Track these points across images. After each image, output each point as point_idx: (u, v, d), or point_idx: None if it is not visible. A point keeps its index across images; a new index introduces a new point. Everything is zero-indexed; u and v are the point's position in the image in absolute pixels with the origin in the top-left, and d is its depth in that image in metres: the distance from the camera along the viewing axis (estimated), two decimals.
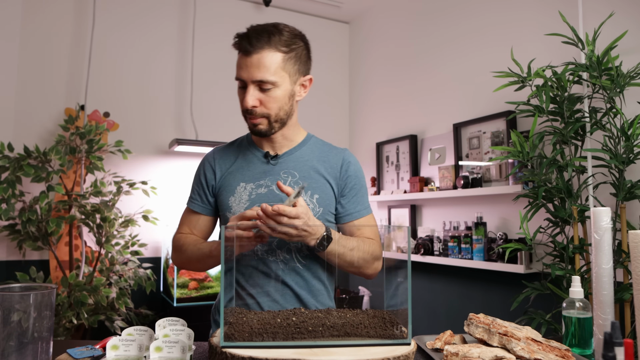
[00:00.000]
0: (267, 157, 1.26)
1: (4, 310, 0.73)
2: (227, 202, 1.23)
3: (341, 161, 1.28)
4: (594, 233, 1.05)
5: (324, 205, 1.24)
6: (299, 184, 1.23)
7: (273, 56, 1.13)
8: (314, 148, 1.30)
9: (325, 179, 1.25)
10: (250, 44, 1.12)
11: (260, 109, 1.16)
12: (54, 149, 2.35)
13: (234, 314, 0.95)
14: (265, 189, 1.22)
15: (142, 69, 3.05)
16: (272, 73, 1.13)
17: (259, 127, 1.18)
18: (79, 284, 2.30)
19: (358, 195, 1.29)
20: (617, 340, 0.72)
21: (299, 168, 1.25)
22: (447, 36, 2.78)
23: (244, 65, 1.14)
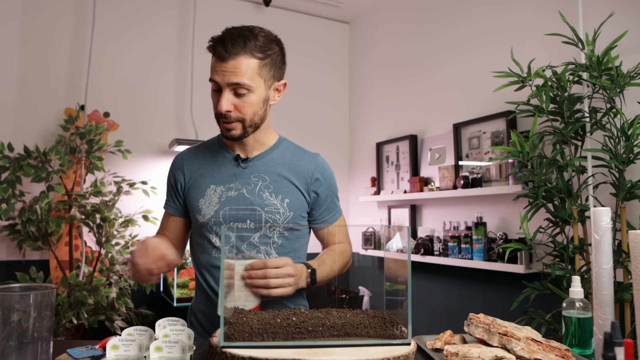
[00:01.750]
0: (238, 160, 1.25)
1: (4, 310, 0.73)
2: (196, 204, 1.23)
3: (312, 168, 1.28)
4: (594, 233, 1.05)
5: (295, 209, 1.24)
6: (269, 188, 1.23)
7: (249, 62, 1.12)
8: (285, 152, 1.30)
9: (294, 185, 1.25)
10: (226, 49, 1.10)
11: (234, 113, 1.15)
12: (54, 149, 2.35)
13: (234, 314, 0.95)
14: (235, 192, 1.22)
15: (142, 69, 3.05)
16: (248, 78, 1.12)
17: (232, 132, 1.17)
18: (79, 284, 2.30)
19: (330, 202, 1.32)
20: (617, 340, 0.72)
21: (269, 172, 1.25)
22: (447, 36, 2.78)
23: (219, 69, 1.12)
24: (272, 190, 1.23)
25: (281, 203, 1.23)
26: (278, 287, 1.06)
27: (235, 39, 1.11)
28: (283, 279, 1.07)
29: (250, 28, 1.15)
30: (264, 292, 1.06)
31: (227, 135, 1.19)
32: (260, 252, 1.21)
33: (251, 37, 1.13)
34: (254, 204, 1.21)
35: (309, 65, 3.60)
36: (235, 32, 1.13)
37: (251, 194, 1.22)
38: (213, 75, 1.14)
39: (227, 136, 1.19)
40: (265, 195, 1.22)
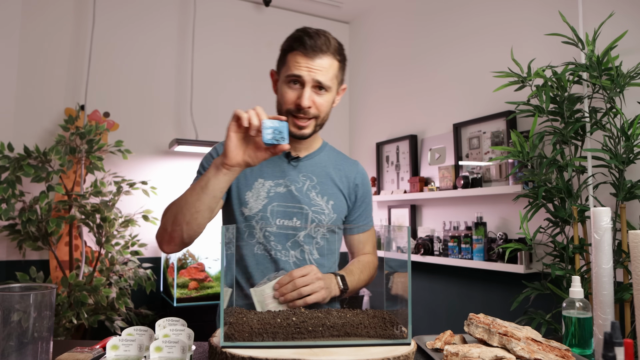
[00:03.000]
0: (289, 157, 1.26)
1: (4, 310, 0.73)
2: (243, 197, 1.22)
3: (354, 174, 1.32)
4: (594, 233, 1.05)
5: (338, 212, 1.26)
6: (316, 188, 1.25)
7: (332, 63, 1.16)
8: (330, 155, 1.33)
9: (338, 188, 1.28)
10: (315, 44, 1.12)
11: (313, 110, 1.16)
12: (54, 149, 2.35)
13: (234, 314, 0.95)
14: (284, 188, 1.22)
15: (142, 68, 3.05)
16: (330, 79, 1.16)
17: (305, 130, 1.19)
18: (79, 284, 2.30)
19: (367, 210, 1.35)
20: (617, 340, 0.72)
21: (317, 173, 1.27)
22: (447, 36, 2.78)
23: (304, 64, 1.13)
24: (318, 190, 1.25)
25: (326, 204, 1.24)
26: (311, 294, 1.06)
27: (321, 38, 1.14)
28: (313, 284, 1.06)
29: (325, 32, 1.18)
30: (299, 303, 1.06)
31: (297, 134, 1.19)
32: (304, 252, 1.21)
33: (332, 39, 1.16)
34: (302, 203, 1.22)
35: None
36: (320, 32, 1.15)
37: (299, 192, 1.23)
38: (296, 70, 1.13)
39: (297, 134, 1.19)
40: (312, 195, 1.24)
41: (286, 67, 1.16)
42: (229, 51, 3.32)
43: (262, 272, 1.20)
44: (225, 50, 3.32)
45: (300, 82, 1.14)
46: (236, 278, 1.24)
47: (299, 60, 1.13)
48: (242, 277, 1.23)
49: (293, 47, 1.15)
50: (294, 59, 1.14)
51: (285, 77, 1.16)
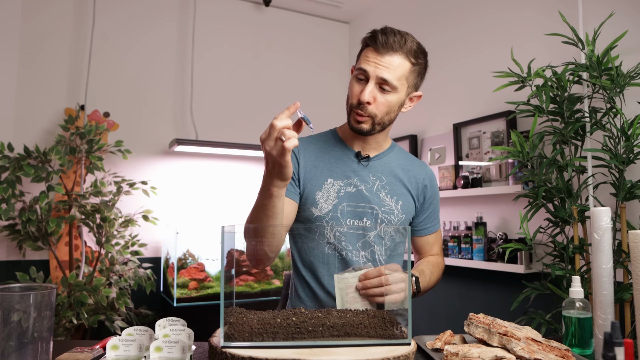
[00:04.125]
0: (359, 157, 1.25)
1: (4, 310, 0.73)
2: (313, 197, 1.21)
3: (423, 174, 1.32)
4: (594, 233, 1.05)
5: (406, 212, 1.26)
6: (385, 188, 1.24)
7: (403, 62, 1.14)
8: (399, 156, 1.32)
9: (407, 189, 1.28)
10: (387, 42, 1.12)
11: (371, 107, 1.15)
12: (54, 149, 2.35)
13: (234, 314, 0.95)
14: (354, 188, 1.22)
15: (142, 68, 3.05)
16: (397, 78, 1.14)
17: (362, 125, 1.17)
18: (79, 284, 2.30)
19: (435, 211, 1.35)
20: (617, 340, 0.72)
21: (386, 173, 1.26)
22: (447, 36, 2.78)
23: (372, 59, 1.13)
24: (387, 191, 1.24)
25: (395, 205, 1.24)
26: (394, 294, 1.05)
27: (396, 36, 1.13)
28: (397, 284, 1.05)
29: (407, 34, 1.17)
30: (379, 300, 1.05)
31: (355, 128, 1.18)
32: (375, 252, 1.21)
33: (409, 40, 1.15)
34: (372, 203, 1.21)
35: (309, 65, 3.60)
36: (396, 31, 1.15)
37: (369, 192, 1.22)
38: (364, 64, 1.14)
39: (355, 128, 1.18)
40: (382, 195, 1.23)
41: (358, 62, 1.17)
42: (229, 51, 3.32)
43: (330, 271, 1.20)
44: (225, 50, 3.32)
45: (366, 77, 1.14)
46: (303, 276, 1.24)
47: (369, 55, 1.14)
48: (310, 276, 1.23)
49: (367, 43, 1.15)
50: (365, 54, 1.15)
51: (354, 72, 1.17)
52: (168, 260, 2.83)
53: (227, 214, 3.12)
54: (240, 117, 3.30)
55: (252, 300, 2.62)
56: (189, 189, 3.10)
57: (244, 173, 3.25)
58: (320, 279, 1.21)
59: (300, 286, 1.25)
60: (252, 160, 3.29)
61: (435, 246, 1.37)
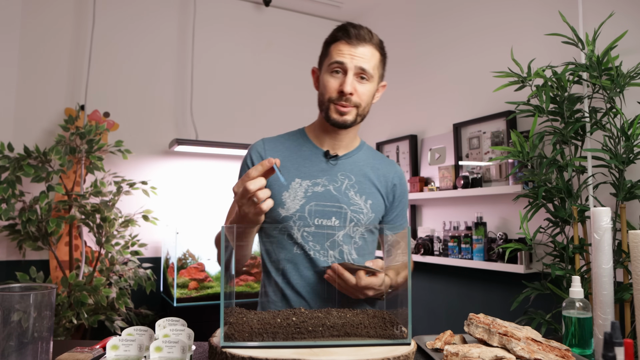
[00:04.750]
0: (327, 156, 1.25)
1: (4, 310, 0.73)
2: (279, 197, 1.20)
3: (392, 174, 1.32)
4: (594, 233, 1.05)
5: (376, 211, 1.26)
6: (354, 187, 1.24)
7: (374, 53, 1.18)
8: (368, 154, 1.32)
9: (376, 188, 1.27)
10: (359, 33, 1.15)
11: (355, 97, 1.17)
12: (54, 149, 2.35)
13: (234, 314, 0.95)
14: (322, 187, 1.21)
15: (142, 68, 3.05)
16: (372, 67, 1.17)
17: (346, 116, 1.18)
18: (79, 284, 2.30)
19: (403, 210, 1.34)
20: (617, 340, 0.72)
21: (355, 172, 1.26)
22: (447, 36, 2.78)
23: (347, 52, 1.15)
24: (357, 190, 1.24)
25: (365, 204, 1.23)
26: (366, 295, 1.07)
27: (364, 29, 1.17)
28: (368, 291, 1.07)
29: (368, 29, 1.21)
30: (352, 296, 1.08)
31: (338, 120, 1.19)
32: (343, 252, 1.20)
33: (374, 33, 1.19)
34: (341, 202, 1.21)
35: (309, 65, 3.59)
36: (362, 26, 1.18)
37: (338, 192, 1.22)
38: (339, 57, 1.16)
39: (338, 121, 1.19)
40: (350, 194, 1.23)
41: (329, 57, 1.18)
42: (229, 51, 3.32)
43: (299, 272, 1.20)
44: (225, 50, 3.32)
45: (343, 70, 1.16)
46: (273, 276, 1.23)
47: (342, 48, 1.16)
48: (278, 277, 1.22)
49: (337, 37, 1.17)
50: (337, 47, 1.17)
51: (327, 67, 1.18)
52: (168, 260, 2.83)
53: None
54: (240, 117, 3.30)
55: (252, 300, 2.62)
56: (189, 189, 3.10)
57: None
58: (290, 279, 1.20)
59: (270, 287, 1.25)
60: None
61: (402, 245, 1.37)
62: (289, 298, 1.20)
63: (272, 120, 3.41)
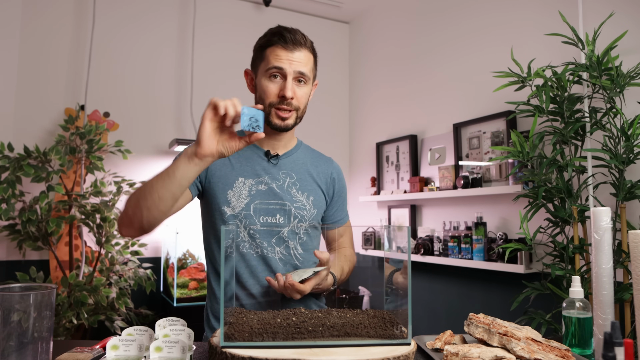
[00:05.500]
0: (268, 155, 1.28)
1: (4, 310, 0.73)
2: (224, 196, 1.23)
3: (331, 169, 1.37)
4: (594, 233, 1.05)
5: (318, 207, 1.31)
6: (296, 185, 1.28)
7: (309, 56, 1.22)
8: (306, 153, 1.37)
9: (317, 184, 1.32)
10: (295, 38, 1.18)
11: (295, 101, 1.19)
12: (54, 149, 2.35)
13: (234, 314, 0.95)
14: (265, 185, 1.25)
15: (143, 68, 3.05)
16: (309, 70, 1.21)
17: (287, 121, 1.21)
18: (79, 284, 2.30)
19: (343, 204, 1.40)
20: (617, 340, 0.72)
21: (296, 170, 1.30)
22: (447, 36, 2.78)
23: (285, 57, 1.17)
24: (298, 187, 1.28)
25: (307, 200, 1.28)
26: None
27: (298, 33, 1.19)
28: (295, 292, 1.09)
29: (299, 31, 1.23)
30: None
31: (280, 125, 1.21)
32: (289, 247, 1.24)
33: (306, 37, 1.23)
34: (284, 199, 1.25)
35: None
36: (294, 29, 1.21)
37: (280, 189, 1.25)
38: (277, 62, 1.17)
39: (279, 125, 1.22)
40: (292, 192, 1.27)
41: (266, 62, 1.19)
42: (229, 51, 3.32)
43: (249, 268, 1.22)
44: (225, 50, 3.32)
45: (282, 75, 1.18)
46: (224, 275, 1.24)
47: (279, 53, 1.17)
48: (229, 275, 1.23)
49: (272, 42, 1.18)
50: (274, 52, 1.18)
51: (265, 71, 1.19)
52: (168, 260, 2.83)
53: None
54: None
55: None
56: None
57: None
58: (240, 277, 1.22)
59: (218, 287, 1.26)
60: None
61: (345, 237, 1.41)
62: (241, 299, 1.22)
63: None
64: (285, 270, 1.23)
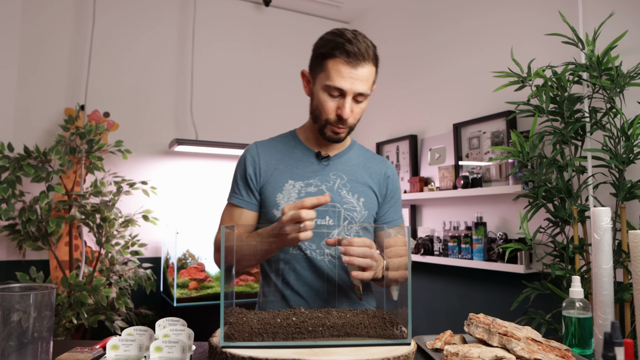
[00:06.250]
0: (319, 157, 1.27)
1: (4, 310, 0.73)
2: (274, 199, 1.22)
3: (385, 169, 1.33)
4: (594, 233, 1.05)
5: (369, 209, 1.27)
6: (346, 186, 1.25)
7: (372, 70, 1.15)
8: (359, 153, 1.34)
9: (368, 185, 1.29)
10: (359, 52, 1.10)
11: (351, 119, 1.17)
12: (54, 149, 2.35)
13: (234, 314, 0.95)
14: (314, 188, 1.23)
15: (143, 68, 3.05)
16: (369, 86, 1.16)
17: (341, 135, 1.20)
18: (79, 284, 2.30)
19: (396, 205, 1.35)
20: (617, 340, 0.72)
21: (347, 171, 1.28)
22: (447, 36, 2.78)
23: (347, 75, 1.11)
24: (349, 188, 1.25)
25: (357, 202, 1.25)
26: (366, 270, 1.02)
27: (363, 43, 1.12)
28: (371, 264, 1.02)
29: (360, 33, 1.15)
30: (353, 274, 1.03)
31: (333, 139, 1.21)
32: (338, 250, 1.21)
33: (368, 42, 1.14)
34: (334, 201, 1.22)
35: None
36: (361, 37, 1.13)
37: (330, 191, 1.23)
38: (339, 81, 1.11)
39: (333, 139, 1.21)
40: (343, 193, 1.24)
41: (326, 75, 1.13)
42: (229, 51, 3.32)
43: (296, 271, 1.21)
44: (225, 50, 3.32)
45: (341, 94, 1.14)
46: (271, 277, 1.25)
47: (342, 69, 1.11)
48: (276, 277, 1.24)
49: (334, 54, 1.11)
50: (336, 68, 1.11)
51: (325, 86, 1.14)
52: (168, 260, 2.83)
53: None
54: (240, 117, 3.30)
55: (252, 300, 2.62)
56: (189, 189, 3.10)
57: None
58: (288, 279, 1.22)
59: (268, 288, 1.26)
60: None
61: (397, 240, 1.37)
62: (288, 298, 1.21)
63: (272, 120, 3.41)
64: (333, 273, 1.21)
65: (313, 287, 1.20)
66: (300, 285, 1.21)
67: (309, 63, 1.22)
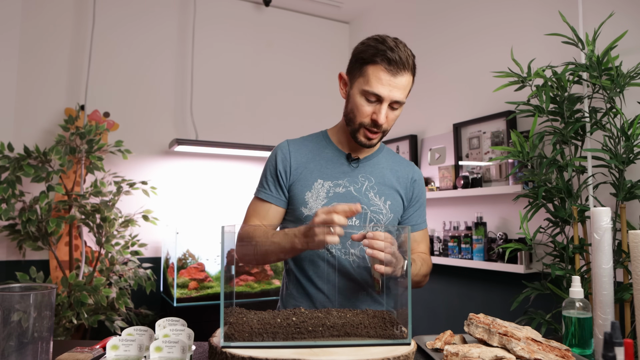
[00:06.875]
0: (349, 159, 1.29)
1: (4, 310, 0.73)
2: (302, 197, 1.24)
3: (412, 173, 1.35)
4: (594, 233, 1.05)
5: (395, 212, 1.29)
6: (374, 189, 1.27)
7: (409, 79, 1.17)
8: (387, 157, 1.36)
9: (395, 189, 1.30)
10: (400, 61, 1.12)
11: (385, 125, 1.19)
12: (54, 149, 2.35)
13: (234, 314, 0.95)
14: (343, 188, 1.25)
15: (143, 68, 3.05)
16: (405, 95, 1.18)
17: (373, 141, 1.22)
18: (79, 284, 2.30)
19: (421, 209, 1.37)
20: (617, 340, 0.72)
21: (375, 174, 1.29)
22: (447, 36, 2.78)
23: (386, 83, 1.13)
24: (376, 191, 1.27)
25: (384, 204, 1.27)
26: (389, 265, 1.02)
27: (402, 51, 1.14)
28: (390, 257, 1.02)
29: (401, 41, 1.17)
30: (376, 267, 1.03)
31: (365, 144, 1.22)
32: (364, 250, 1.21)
33: (409, 51, 1.17)
34: (361, 203, 1.24)
35: (309, 65, 3.60)
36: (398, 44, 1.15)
37: (358, 193, 1.25)
38: (377, 87, 1.13)
39: (365, 144, 1.22)
40: (370, 196, 1.26)
41: (365, 80, 1.15)
42: (229, 51, 3.33)
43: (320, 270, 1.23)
44: (225, 50, 3.32)
45: (379, 99, 1.15)
46: (295, 274, 1.27)
47: (382, 77, 1.13)
48: (301, 274, 1.26)
49: (375, 61, 1.13)
50: (376, 74, 1.13)
51: (362, 91, 1.16)
52: (168, 260, 2.83)
53: (227, 213, 3.12)
54: (240, 117, 3.30)
55: (252, 300, 2.62)
56: (189, 189, 3.10)
57: (244, 173, 3.25)
58: (311, 277, 1.23)
59: (292, 284, 1.28)
60: (252, 160, 3.29)
61: (422, 244, 1.37)
62: (312, 295, 1.23)
63: (272, 119, 3.41)
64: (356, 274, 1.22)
65: (337, 286, 1.22)
66: (323, 283, 1.23)
67: (348, 66, 1.23)
